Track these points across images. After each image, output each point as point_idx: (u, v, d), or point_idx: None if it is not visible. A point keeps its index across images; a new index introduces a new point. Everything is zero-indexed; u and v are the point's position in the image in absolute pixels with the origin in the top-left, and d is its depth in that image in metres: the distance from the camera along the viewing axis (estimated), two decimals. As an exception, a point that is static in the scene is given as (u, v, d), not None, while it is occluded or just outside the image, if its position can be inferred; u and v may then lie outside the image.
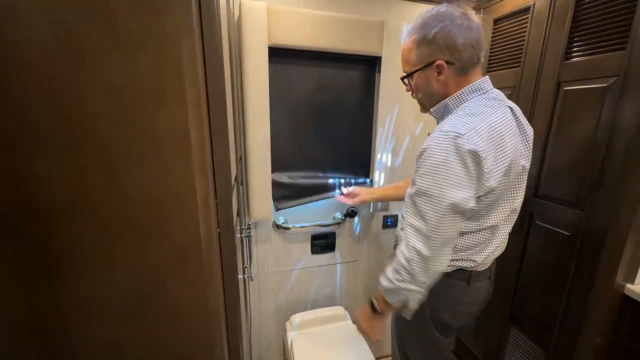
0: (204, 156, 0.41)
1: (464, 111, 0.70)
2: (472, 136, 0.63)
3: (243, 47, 1.02)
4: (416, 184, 0.69)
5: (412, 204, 0.70)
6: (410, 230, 0.70)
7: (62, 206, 0.36)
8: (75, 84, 0.34)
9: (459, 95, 0.73)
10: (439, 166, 0.64)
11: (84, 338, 0.41)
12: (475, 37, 0.68)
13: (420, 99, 0.82)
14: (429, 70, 0.73)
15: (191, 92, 0.37)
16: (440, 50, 0.69)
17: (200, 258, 0.43)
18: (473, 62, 0.71)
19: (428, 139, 0.70)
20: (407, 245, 0.70)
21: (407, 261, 0.70)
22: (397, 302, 0.76)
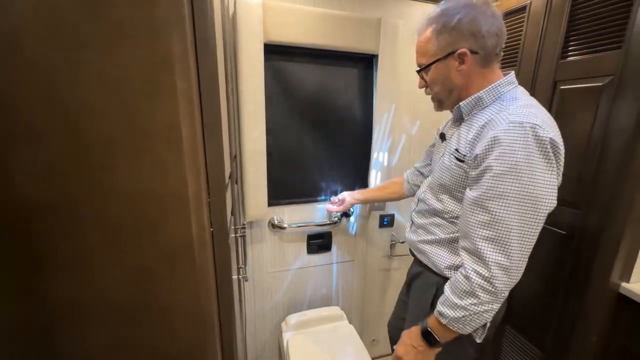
0: (195, 152, 0.39)
1: (516, 103, 0.63)
2: (546, 128, 0.57)
3: (238, 43, 1.01)
4: (488, 186, 0.59)
5: (483, 211, 0.60)
6: (483, 244, 0.60)
7: (46, 204, 0.34)
8: (62, 76, 0.33)
9: (495, 88, 0.67)
10: (521, 164, 0.56)
11: (71, 341, 0.39)
12: (499, 25, 0.65)
13: (436, 94, 0.75)
14: (450, 61, 0.67)
15: (182, 85, 0.36)
16: (463, 37, 0.64)
17: (192, 258, 0.41)
18: (495, 53, 0.66)
19: (491, 135, 0.60)
20: (484, 262, 0.60)
21: (487, 281, 0.60)
22: (472, 329, 0.65)
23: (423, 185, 0.88)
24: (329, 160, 1.33)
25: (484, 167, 0.60)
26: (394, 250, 1.51)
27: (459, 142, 0.70)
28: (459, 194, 0.70)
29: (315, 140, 1.29)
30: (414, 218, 0.87)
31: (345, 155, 1.35)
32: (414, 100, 1.33)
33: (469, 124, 0.69)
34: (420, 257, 0.83)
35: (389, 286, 1.58)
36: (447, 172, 0.72)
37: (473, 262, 0.62)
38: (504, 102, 0.65)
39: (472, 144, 0.65)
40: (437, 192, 0.76)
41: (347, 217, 1.40)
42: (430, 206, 0.79)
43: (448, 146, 0.74)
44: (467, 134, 0.68)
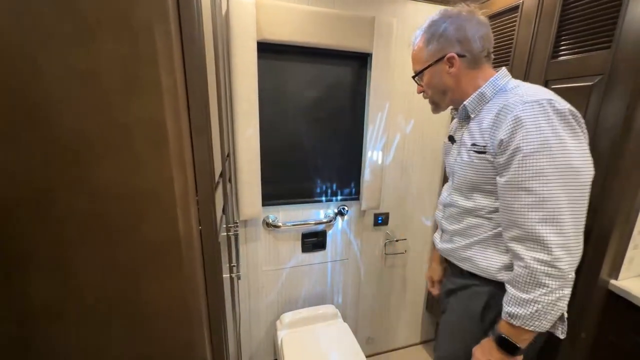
0: (182, 150, 0.39)
1: (523, 86, 0.67)
2: (560, 100, 0.59)
3: (231, 41, 1.00)
4: (523, 167, 0.58)
5: (526, 193, 0.58)
6: (537, 227, 0.57)
7: (19, 201, 0.34)
8: (41, 70, 0.32)
9: (493, 81, 0.71)
10: (550, 138, 0.56)
11: (47, 343, 0.39)
12: (485, 31, 0.70)
13: (432, 97, 0.80)
14: (440, 65, 0.73)
15: (167, 81, 0.35)
16: (450, 43, 0.70)
17: (179, 256, 0.41)
18: (484, 56, 0.71)
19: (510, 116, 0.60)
20: (542, 246, 0.57)
21: (550, 265, 0.57)
22: (551, 323, 0.61)
23: (445, 190, 0.86)
24: (323, 160, 1.33)
25: (512, 150, 0.60)
26: (388, 248, 1.52)
27: (473, 136, 0.71)
28: (489, 187, 0.69)
29: (309, 139, 1.29)
30: (444, 225, 0.83)
31: (339, 154, 1.35)
32: (408, 99, 1.33)
33: (478, 119, 0.71)
34: (465, 265, 0.77)
35: (383, 285, 1.58)
36: (469, 168, 0.71)
37: (529, 249, 0.59)
38: (508, 91, 0.67)
39: (490, 132, 0.65)
40: (465, 191, 0.75)
41: (341, 216, 1.40)
42: (461, 207, 0.76)
43: (463, 145, 0.75)
44: (480, 125, 0.69)
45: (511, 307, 0.62)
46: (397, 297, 1.63)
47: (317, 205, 1.36)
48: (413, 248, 1.56)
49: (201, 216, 0.46)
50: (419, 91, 0.82)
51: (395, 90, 1.29)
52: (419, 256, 1.59)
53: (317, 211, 1.36)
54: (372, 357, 1.67)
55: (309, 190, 1.35)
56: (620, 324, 0.90)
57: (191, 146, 0.43)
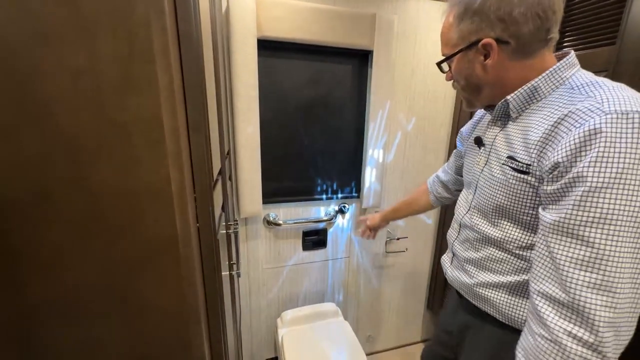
0: (179, 147, 0.39)
1: (601, 87, 0.45)
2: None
3: (231, 38, 1.00)
4: (582, 205, 0.41)
5: (578, 243, 0.42)
6: (584, 293, 0.41)
7: (15, 200, 0.34)
8: (36, 68, 0.32)
9: (554, 73, 0.51)
10: (630, 171, 0.39)
11: (51, 338, 0.39)
12: (546, 3, 0.48)
13: (463, 90, 0.62)
14: (472, 53, 0.54)
15: (164, 78, 0.35)
16: (489, 23, 0.50)
17: (177, 254, 0.41)
18: (539, 40, 0.50)
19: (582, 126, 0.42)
20: (586, 322, 0.41)
21: (592, 349, 0.41)
22: None
23: (461, 204, 0.69)
24: (324, 158, 1.33)
25: (572, 178, 0.42)
26: (389, 247, 1.51)
27: (512, 147, 0.54)
28: (525, 217, 0.53)
29: (310, 137, 1.28)
30: (456, 250, 0.69)
31: (339, 152, 1.35)
32: (409, 97, 1.33)
33: (523, 123, 0.53)
34: (481, 305, 0.63)
35: (384, 283, 1.58)
36: (502, 189, 0.55)
37: (564, 318, 0.43)
38: (576, 90, 0.48)
39: (541, 147, 0.48)
40: (492, 216, 0.58)
41: (342, 214, 1.40)
42: (482, 234, 0.60)
43: (494, 154, 0.58)
44: (526, 135, 0.51)
45: None
46: (398, 295, 1.63)
47: (317, 203, 1.36)
48: (414, 246, 1.56)
49: (199, 214, 0.46)
50: (448, 78, 0.63)
51: (396, 88, 1.28)
52: (420, 254, 1.59)
53: (317, 209, 1.36)
54: (373, 355, 1.67)
55: (310, 189, 1.34)
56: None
57: (188, 144, 0.43)
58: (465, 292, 0.67)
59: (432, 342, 0.91)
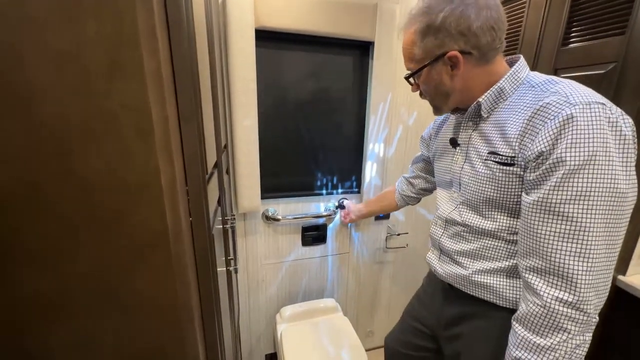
0: (168, 137, 0.37)
1: (559, 83, 0.52)
2: (612, 107, 0.48)
3: (228, 28, 0.97)
4: (562, 185, 0.47)
5: (560, 218, 0.48)
6: (567, 261, 0.48)
7: (6, 194, 0.32)
8: (17, 53, 0.30)
9: (515, 74, 0.58)
10: (599, 152, 0.45)
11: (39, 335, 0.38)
12: (496, 17, 0.55)
13: (432, 99, 0.67)
14: (439, 65, 0.59)
15: (150, 63, 0.33)
16: (452, 38, 0.56)
17: (168, 249, 0.39)
18: (495, 47, 0.57)
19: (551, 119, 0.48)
20: (570, 285, 0.48)
21: (575, 308, 0.48)
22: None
23: (445, 202, 0.73)
24: (324, 152, 1.31)
25: (552, 163, 0.48)
26: (390, 242, 1.50)
27: (492, 143, 0.58)
28: (514, 205, 0.57)
29: (309, 130, 1.26)
30: (444, 245, 0.71)
31: (340, 147, 1.32)
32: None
33: (495, 120, 0.59)
34: (479, 292, 0.65)
35: (384, 278, 1.57)
36: (489, 182, 0.59)
37: (551, 286, 0.50)
38: (537, 88, 0.55)
39: (521, 140, 0.53)
40: (482, 209, 0.62)
41: (342, 209, 1.38)
42: (474, 227, 0.64)
43: (472, 152, 0.63)
44: (503, 131, 0.56)
45: (520, 352, 0.52)
46: (398, 291, 1.62)
47: (317, 198, 1.34)
48: (414, 242, 1.54)
49: (192, 208, 0.45)
50: (414, 90, 0.69)
51: (397, 81, 1.26)
52: (421, 250, 1.57)
53: (317, 204, 1.35)
54: (373, 350, 1.67)
55: (309, 183, 1.33)
56: (627, 320, 0.88)
57: (179, 134, 0.41)
58: (461, 284, 0.69)
59: (401, 332, 0.93)
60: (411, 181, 1.00)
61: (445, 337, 0.77)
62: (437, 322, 0.80)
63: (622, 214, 0.47)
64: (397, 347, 0.93)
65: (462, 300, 0.70)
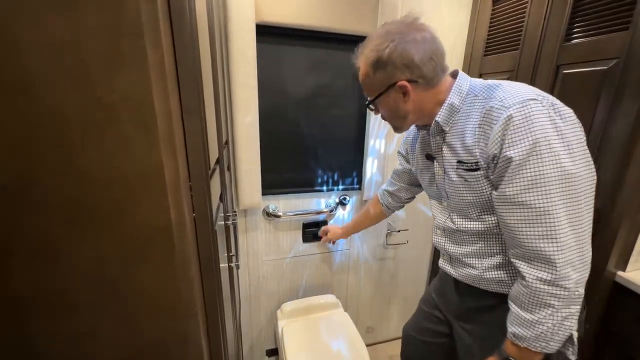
0: (172, 132, 0.37)
1: (496, 89, 0.59)
2: (542, 97, 0.53)
3: (229, 23, 0.96)
4: (515, 178, 0.53)
5: (520, 207, 0.54)
6: (535, 244, 0.53)
7: (4, 186, 0.32)
8: (16, 42, 0.30)
9: (458, 88, 0.65)
10: (541, 142, 0.51)
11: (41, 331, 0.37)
12: (433, 49, 0.63)
13: (391, 121, 0.75)
14: (392, 93, 0.66)
15: (153, 56, 0.32)
16: (398, 70, 0.63)
17: (171, 244, 0.39)
18: (438, 74, 0.65)
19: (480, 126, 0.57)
20: (543, 265, 0.53)
21: (553, 285, 0.53)
22: (559, 344, 0.57)
23: (438, 212, 0.78)
24: (324, 148, 1.30)
25: (503, 161, 0.55)
26: (390, 239, 1.50)
27: (457, 153, 0.64)
28: (492, 204, 0.63)
29: (310, 126, 1.25)
30: (450, 250, 0.75)
31: (340, 143, 1.32)
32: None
33: (456, 132, 0.65)
34: (492, 287, 0.69)
35: (384, 275, 1.57)
36: (465, 189, 0.65)
37: (532, 267, 0.55)
38: (479, 96, 0.62)
39: (479, 146, 0.59)
40: (470, 213, 0.67)
41: (343, 206, 1.38)
42: (471, 231, 0.69)
43: (446, 163, 0.68)
44: (463, 140, 0.63)
45: (516, 327, 0.58)
46: (398, 287, 1.62)
47: (318, 195, 1.34)
48: (415, 239, 1.54)
49: (195, 203, 0.44)
50: (376, 114, 0.76)
51: (399, 77, 1.25)
52: (421, 247, 1.58)
53: (317, 200, 1.34)
54: (373, 346, 1.68)
55: (310, 180, 1.32)
56: (625, 315, 0.89)
57: (182, 129, 0.41)
58: (476, 282, 0.72)
59: (417, 320, 0.99)
60: (396, 194, 1.03)
61: (461, 326, 0.80)
62: (453, 311, 0.83)
63: (578, 192, 0.52)
64: (413, 334, 0.98)
65: (479, 295, 0.73)
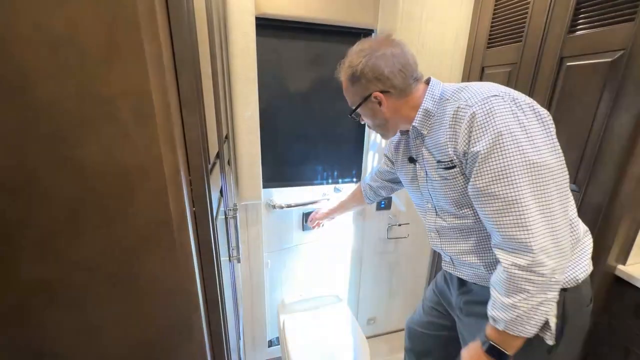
0: (171, 126, 0.36)
1: (462, 91, 0.63)
2: (503, 92, 0.57)
3: (228, 16, 0.95)
4: (482, 171, 0.56)
5: (491, 198, 0.56)
6: (508, 232, 0.55)
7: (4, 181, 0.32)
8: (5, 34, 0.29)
9: (431, 95, 0.68)
10: (503, 136, 0.53)
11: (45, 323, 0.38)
12: (402, 62, 0.67)
13: (375, 128, 0.79)
14: (369, 104, 0.71)
15: (150, 48, 0.32)
16: (371, 83, 0.68)
17: (172, 238, 0.39)
18: (409, 83, 0.69)
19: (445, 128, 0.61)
20: (517, 251, 0.55)
21: (528, 270, 0.54)
22: (536, 328, 0.58)
23: (426, 217, 0.80)
24: (325, 142, 1.30)
25: (471, 156, 0.58)
26: (391, 232, 1.50)
27: (434, 154, 0.68)
28: None
29: (310, 121, 1.25)
30: (448, 250, 0.77)
31: (341, 137, 1.31)
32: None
33: (433, 134, 0.68)
34: None
35: (385, 268, 1.58)
36: (447, 185, 0.67)
37: (507, 254, 0.57)
38: (451, 100, 0.65)
39: (452, 145, 0.62)
40: (455, 210, 0.70)
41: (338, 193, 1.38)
42: (459, 227, 0.71)
43: (427, 164, 0.71)
44: (437, 141, 0.66)
45: (494, 311, 0.60)
46: (398, 280, 1.63)
47: (319, 189, 1.34)
48: (415, 232, 1.55)
49: (195, 197, 0.44)
50: (362, 122, 0.80)
51: (400, 70, 1.23)
52: (421, 240, 1.58)
53: (318, 193, 1.34)
54: (373, 338, 1.70)
55: (311, 174, 1.32)
56: (626, 308, 0.89)
57: (181, 122, 0.40)
58: (482, 281, 0.74)
59: (420, 314, 1.01)
60: (376, 189, 1.07)
61: (462, 319, 0.82)
62: (455, 304, 0.85)
63: (546, 181, 0.53)
64: (417, 328, 1.01)
65: (479, 289, 0.75)
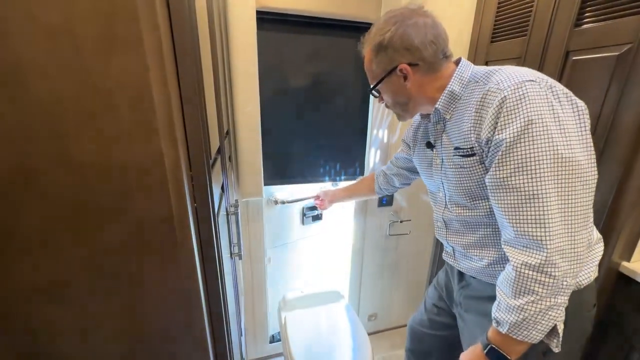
0: (171, 121, 0.36)
1: (495, 73, 0.57)
2: (542, 80, 0.52)
3: (229, 9, 0.94)
4: (505, 160, 0.52)
5: (510, 191, 0.52)
6: (523, 229, 0.51)
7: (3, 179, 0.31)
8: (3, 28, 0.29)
9: (459, 75, 0.63)
10: (533, 125, 0.48)
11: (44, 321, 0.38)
12: (434, 32, 0.62)
13: (394, 107, 0.74)
14: (394, 78, 0.66)
15: (150, 39, 0.31)
16: (399, 53, 0.63)
17: (173, 235, 0.39)
18: (440, 58, 0.64)
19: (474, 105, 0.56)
20: (530, 250, 0.51)
21: (539, 271, 0.50)
22: (542, 334, 0.54)
23: (437, 204, 0.78)
24: (326, 138, 1.29)
25: (496, 143, 0.53)
26: (392, 229, 1.50)
27: (455, 139, 0.64)
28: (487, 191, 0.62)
29: (312, 116, 1.24)
30: (453, 242, 0.75)
31: (343, 132, 1.31)
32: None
33: (456, 119, 0.64)
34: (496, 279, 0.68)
35: (386, 264, 1.58)
36: (463, 174, 0.64)
37: (518, 252, 0.53)
38: (480, 82, 0.60)
39: (475, 132, 0.58)
40: (467, 201, 0.67)
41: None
42: (468, 219, 0.68)
43: (444, 151, 0.68)
44: (460, 127, 0.62)
45: (498, 312, 0.57)
46: (400, 276, 1.63)
47: (320, 185, 1.33)
48: (417, 229, 1.54)
49: (196, 193, 0.44)
50: (379, 102, 0.76)
51: (403, 65, 1.22)
52: (423, 237, 1.58)
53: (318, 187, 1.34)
54: (375, 334, 1.70)
55: (312, 169, 1.32)
56: (631, 305, 0.89)
57: (182, 117, 0.40)
58: (481, 275, 0.72)
59: (422, 313, 0.99)
60: (393, 178, 1.02)
61: (463, 316, 0.80)
62: (456, 300, 0.83)
63: (573, 179, 0.49)
64: (417, 326, 1.00)
65: (480, 285, 0.73)
